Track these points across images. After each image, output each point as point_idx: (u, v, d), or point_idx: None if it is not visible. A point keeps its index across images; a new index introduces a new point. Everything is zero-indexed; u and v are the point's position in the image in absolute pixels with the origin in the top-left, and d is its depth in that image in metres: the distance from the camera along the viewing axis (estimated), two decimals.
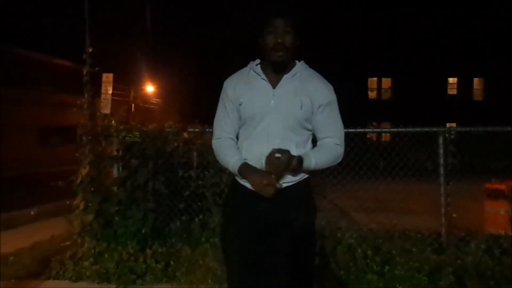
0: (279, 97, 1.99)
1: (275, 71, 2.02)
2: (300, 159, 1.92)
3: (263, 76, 2.03)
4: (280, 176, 1.93)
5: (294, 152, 1.93)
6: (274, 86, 2.01)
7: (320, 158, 1.99)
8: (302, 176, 2.01)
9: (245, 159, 2.01)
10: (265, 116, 1.98)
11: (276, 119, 1.97)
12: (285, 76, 2.02)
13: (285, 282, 1.95)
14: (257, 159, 1.95)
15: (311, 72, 2.09)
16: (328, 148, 2.04)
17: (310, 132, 2.07)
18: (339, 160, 2.09)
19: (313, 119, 2.03)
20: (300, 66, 2.06)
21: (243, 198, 2.01)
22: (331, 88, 2.07)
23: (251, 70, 2.08)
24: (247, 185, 1.99)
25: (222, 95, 2.12)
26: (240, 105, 2.03)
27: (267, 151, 1.91)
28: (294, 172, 1.94)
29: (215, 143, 2.14)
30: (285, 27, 1.93)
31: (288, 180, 1.97)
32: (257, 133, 2.00)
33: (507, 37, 22.25)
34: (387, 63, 25.28)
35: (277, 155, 1.85)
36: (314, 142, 2.12)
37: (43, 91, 20.11)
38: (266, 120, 1.98)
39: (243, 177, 1.99)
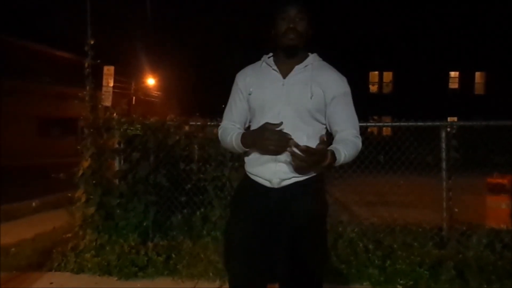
0: (288, 86, 1.96)
1: (287, 57, 1.99)
2: (333, 153, 1.82)
3: (274, 67, 2.01)
4: (310, 168, 1.83)
5: (305, 143, 1.80)
6: (284, 76, 1.98)
7: (348, 151, 1.89)
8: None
9: (256, 151, 1.95)
10: (275, 106, 1.94)
11: (286, 108, 1.93)
12: (297, 67, 1.99)
13: (289, 277, 1.92)
14: None
15: (324, 63, 2.05)
16: (351, 141, 1.96)
17: (323, 126, 2.01)
18: (358, 152, 2.01)
19: (327, 110, 1.98)
20: (312, 58, 2.03)
21: (254, 192, 1.97)
22: (345, 79, 2.03)
23: (264, 63, 2.07)
24: (259, 179, 1.95)
25: (234, 87, 2.11)
26: (249, 94, 2.02)
27: None
28: (328, 167, 1.82)
29: (219, 130, 2.13)
30: (298, 14, 1.93)
31: (302, 175, 1.92)
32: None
33: (508, 30, 22.17)
34: (389, 56, 25.24)
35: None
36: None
37: (43, 83, 20.08)
38: (276, 110, 1.93)
39: (251, 143, 1.93)
